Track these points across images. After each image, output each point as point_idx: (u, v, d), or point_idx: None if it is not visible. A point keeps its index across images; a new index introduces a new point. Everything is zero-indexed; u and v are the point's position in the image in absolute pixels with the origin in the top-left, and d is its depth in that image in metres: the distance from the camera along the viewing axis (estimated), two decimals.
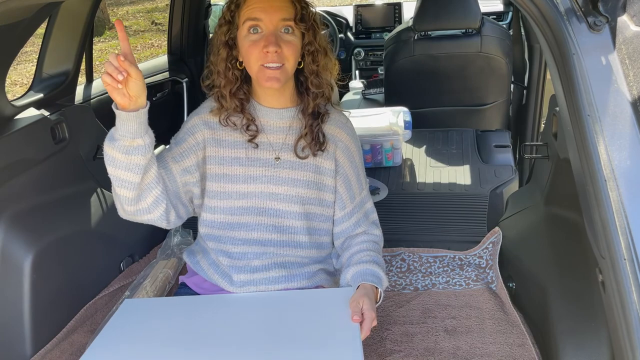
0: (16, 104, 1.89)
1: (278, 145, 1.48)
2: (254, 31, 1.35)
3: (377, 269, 1.43)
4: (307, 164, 1.48)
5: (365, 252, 1.49)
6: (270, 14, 1.34)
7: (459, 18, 2.90)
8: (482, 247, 1.99)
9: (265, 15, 1.34)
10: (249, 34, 1.36)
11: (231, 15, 1.39)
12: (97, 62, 8.29)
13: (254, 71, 1.38)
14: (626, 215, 1.02)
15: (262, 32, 1.35)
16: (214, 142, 1.47)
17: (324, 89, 1.46)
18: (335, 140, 1.51)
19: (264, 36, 1.34)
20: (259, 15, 1.34)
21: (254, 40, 1.35)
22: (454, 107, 3.08)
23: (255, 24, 1.34)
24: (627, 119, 1.09)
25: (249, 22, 1.35)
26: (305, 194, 1.48)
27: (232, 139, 1.47)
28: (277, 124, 1.48)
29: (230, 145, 1.47)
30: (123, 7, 12.30)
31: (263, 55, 1.34)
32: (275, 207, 1.47)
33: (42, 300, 1.67)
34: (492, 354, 1.49)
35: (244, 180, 1.46)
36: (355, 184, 1.56)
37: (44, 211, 1.80)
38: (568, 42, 1.15)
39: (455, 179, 2.45)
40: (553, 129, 1.66)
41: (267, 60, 1.34)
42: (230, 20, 1.39)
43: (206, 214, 1.52)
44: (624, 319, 0.99)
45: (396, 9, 4.29)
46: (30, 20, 1.63)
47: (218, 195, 1.49)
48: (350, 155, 1.53)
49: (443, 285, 1.84)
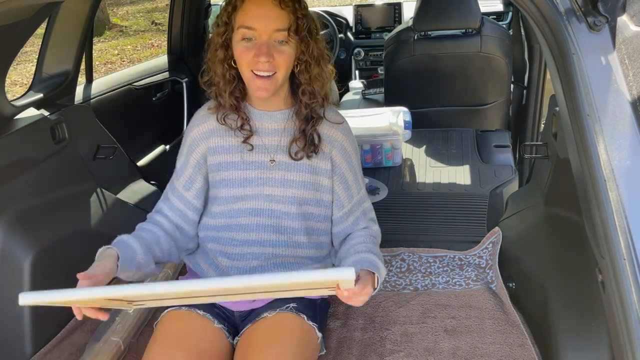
0: (16, 104, 1.89)
1: (272, 147, 1.47)
2: (247, 40, 1.34)
3: (373, 258, 1.41)
4: (302, 165, 1.47)
5: (362, 244, 1.48)
6: (264, 23, 1.32)
7: (459, 18, 2.90)
8: (482, 247, 1.99)
9: (260, 25, 1.32)
10: (242, 40, 1.35)
11: (227, 17, 1.38)
12: (97, 62, 8.30)
13: (246, 76, 1.39)
14: (626, 215, 1.02)
15: (255, 40, 1.34)
16: (212, 151, 1.49)
17: (317, 97, 1.44)
18: (331, 140, 1.50)
19: (257, 45, 1.33)
20: (254, 24, 1.33)
21: (247, 46, 1.34)
22: (454, 107, 3.08)
23: (249, 33, 1.34)
24: (627, 119, 1.10)
25: (242, 29, 1.34)
26: (302, 195, 1.48)
27: (228, 144, 1.48)
28: (271, 126, 1.48)
29: (226, 150, 1.48)
30: (123, 7, 12.30)
31: (254, 62, 1.33)
32: (273, 208, 1.47)
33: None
34: (492, 354, 1.49)
35: (240, 183, 1.47)
36: (353, 184, 1.55)
37: (44, 211, 1.80)
38: (568, 42, 1.15)
39: (455, 179, 2.45)
40: (553, 129, 1.66)
41: (258, 67, 1.34)
42: (227, 22, 1.39)
43: (205, 218, 1.53)
44: (624, 319, 0.99)
45: (396, 9, 4.28)
46: (30, 20, 1.63)
47: (217, 200, 1.50)
48: (346, 155, 1.53)
49: (443, 285, 1.84)
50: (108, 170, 2.23)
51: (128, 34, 10.14)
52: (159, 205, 1.55)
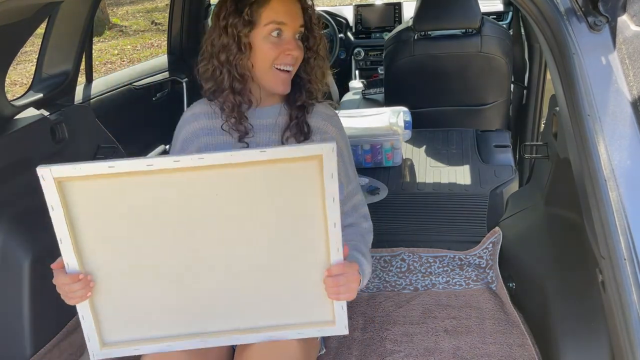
0: (16, 103, 1.89)
1: (264, 143, 1.48)
2: (278, 34, 1.37)
3: (357, 255, 1.40)
4: None
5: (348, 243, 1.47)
6: (293, 19, 1.38)
7: (459, 18, 2.90)
8: (482, 247, 1.99)
9: (290, 20, 1.37)
10: (270, 35, 1.37)
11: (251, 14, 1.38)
12: (97, 62, 8.30)
13: (263, 71, 1.40)
14: (626, 215, 1.02)
15: (282, 35, 1.38)
16: (204, 150, 1.48)
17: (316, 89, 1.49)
18: (321, 132, 1.51)
19: (285, 40, 1.38)
20: (284, 19, 1.37)
21: (275, 42, 1.37)
22: (454, 107, 3.08)
23: (280, 27, 1.37)
24: (627, 119, 1.10)
25: (273, 24, 1.37)
26: None
27: (220, 143, 1.47)
28: (264, 122, 1.48)
29: (218, 149, 1.47)
30: (123, 7, 12.30)
31: (283, 57, 1.38)
32: None
33: (42, 300, 1.67)
34: (492, 354, 1.49)
35: None
36: (343, 177, 1.55)
37: (44, 211, 1.80)
38: (568, 42, 1.15)
39: (455, 179, 2.45)
40: (553, 129, 1.66)
41: (285, 62, 1.38)
42: (250, 20, 1.38)
43: None
44: (624, 319, 0.99)
45: (396, 9, 4.28)
46: (30, 20, 1.63)
47: None
48: (337, 147, 1.53)
49: (443, 285, 1.84)
50: None
51: (128, 34, 10.15)
52: None
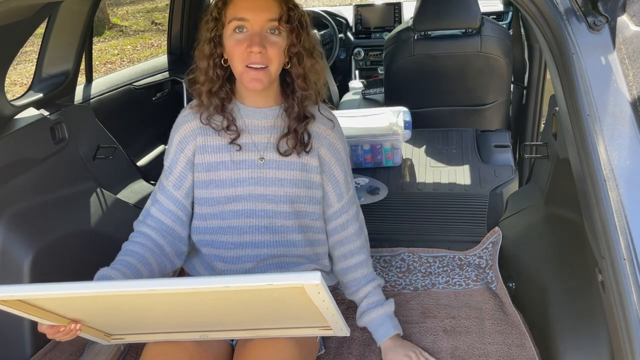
0: (16, 103, 1.89)
1: (262, 145, 1.45)
2: (239, 30, 1.33)
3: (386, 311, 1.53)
4: (293, 162, 1.46)
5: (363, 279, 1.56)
6: (256, 13, 1.32)
7: (458, 18, 2.90)
8: (482, 247, 1.99)
9: (252, 15, 1.32)
10: (234, 33, 1.34)
11: (218, 12, 1.37)
12: (97, 62, 8.30)
13: (238, 71, 1.37)
14: (626, 215, 1.02)
15: (247, 31, 1.33)
16: (200, 150, 1.46)
17: (311, 91, 1.43)
18: (320, 137, 1.48)
19: (249, 36, 1.33)
20: (246, 14, 1.32)
21: (239, 39, 1.33)
22: (454, 107, 3.08)
23: (241, 24, 1.33)
24: (627, 119, 1.10)
25: (234, 21, 1.33)
26: (294, 193, 1.46)
27: (217, 144, 1.45)
28: (261, 123, 1.46)
29: (215, 150, 1.45)
30: (123, 7, 12.30)
31: (247, 55, 1.32)
32: (265, 208, 1.45)
33: None
34: (490, 354, 1.49)
35: (231, 184, 1.45)
36: (343, 183, 1.54)
37: (44, 211, 1.80)
38: (568, 42, 1.15)
39: (455, 179, 2.45)
40: (553, 129, 1.66)
41: (251, 60, 1.32)
42: (217, 18, 1.38)
43: (197, 222, 1.50)
44: (624, 319, 0.99)
45: (396, 9, 4.29)
46: (30, 20, 1.63)
47: (207, 202, 1.47)
48: (336, 153, 1.52)
49: (443, 285, 1.84)
50: (108, 170, 2.23)
51: (128, 34, 10.15)
52: (145, 210, 1.51)
